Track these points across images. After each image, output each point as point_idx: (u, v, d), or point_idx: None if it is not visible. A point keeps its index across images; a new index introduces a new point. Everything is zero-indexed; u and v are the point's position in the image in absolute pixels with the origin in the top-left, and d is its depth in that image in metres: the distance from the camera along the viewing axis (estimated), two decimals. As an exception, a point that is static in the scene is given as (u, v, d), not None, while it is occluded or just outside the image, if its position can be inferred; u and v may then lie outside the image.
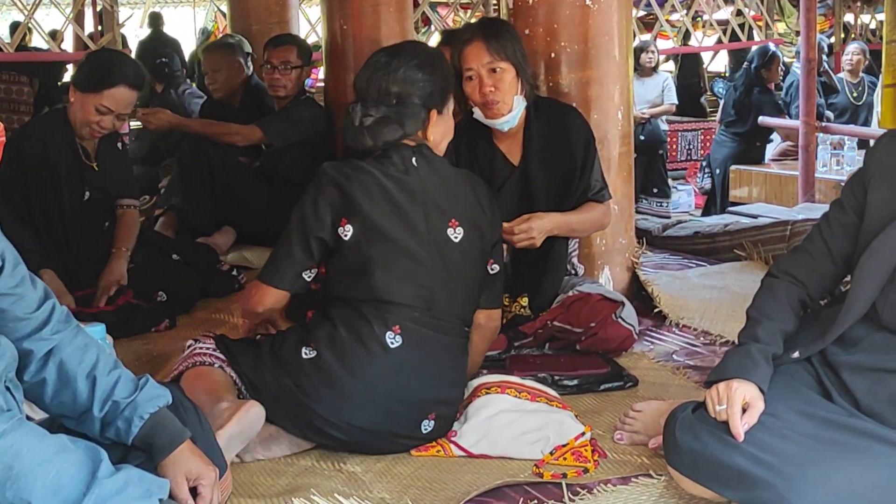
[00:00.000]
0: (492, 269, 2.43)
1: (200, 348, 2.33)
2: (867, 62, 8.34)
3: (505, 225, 2.68)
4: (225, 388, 2.22)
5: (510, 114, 2.86)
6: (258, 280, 2.34)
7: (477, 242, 2.35)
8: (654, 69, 8.23)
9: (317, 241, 2.26)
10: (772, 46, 7.97)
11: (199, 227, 4.33)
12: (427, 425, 2.27)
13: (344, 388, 2.19)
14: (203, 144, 4.50)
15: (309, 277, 2.30)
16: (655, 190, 8.12)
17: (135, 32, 12.05)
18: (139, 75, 3.35)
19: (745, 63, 7.76)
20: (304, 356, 2.22)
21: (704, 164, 8.15)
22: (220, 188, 4.37)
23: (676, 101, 8.23)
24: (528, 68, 2.89)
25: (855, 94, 8.04)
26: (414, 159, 2.31)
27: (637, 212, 7.43)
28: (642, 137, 8.04)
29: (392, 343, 2.22)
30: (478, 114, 2.89)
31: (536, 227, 2.79)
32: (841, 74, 8.11)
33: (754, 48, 8.15)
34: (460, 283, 2.32)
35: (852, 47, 8.25)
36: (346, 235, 2.25)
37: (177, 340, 3.21)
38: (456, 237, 2.31)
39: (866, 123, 7.70)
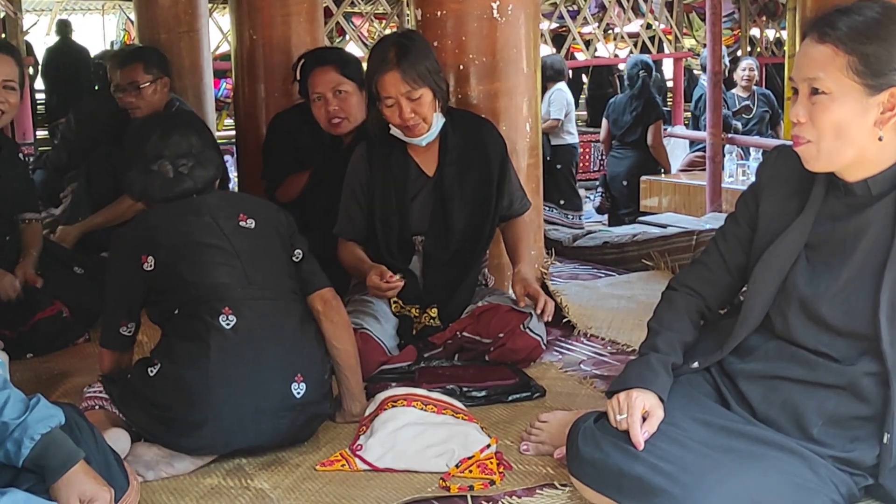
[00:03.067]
0: (296, 257, 2.49)
1: (89, 392, 2.37)
2: (756, 78, 8.41)
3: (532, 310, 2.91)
4: (105, 424, 2.23)
5: (430, 131, 2.90)
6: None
7: (271, 230, 2.45)
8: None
9: (130, 290, 2.35)
10: (643, 56, 8.14)
11: (105, 243, 4.22)
12: (298, 388, 2.28)
13: (196, 386, 2.20)
14: (112, 158, 4.39)
15: (128, 333, 2.39)
16: (563, 201, 8.08)
17: (42, 40, 11.77)
18: (6, 42, 3.27)
19: (640, 74, 7.70)
20: (150, 375, 2.25)
21: (599, 183, 8.18)
22: (128, 203, 4.27)
23: None
24: (442, 84, 2.92)
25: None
26: (195, 194, 2.43)
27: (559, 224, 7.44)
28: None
29: (227, 324, 2.25)
30: (395, 131, 2.92)
31: (539, 286, 2.96)
32: (734, 90, 8.07)
33: (631, 60, 8.10)
34: (266, 255, 2.41)
35: (747, 63, 8.16)
36: (149, 266, 2.32)
37: (78, 359, 3.14)
38: (249, 225, 2.41)
39: (759, 136, 7.79)
